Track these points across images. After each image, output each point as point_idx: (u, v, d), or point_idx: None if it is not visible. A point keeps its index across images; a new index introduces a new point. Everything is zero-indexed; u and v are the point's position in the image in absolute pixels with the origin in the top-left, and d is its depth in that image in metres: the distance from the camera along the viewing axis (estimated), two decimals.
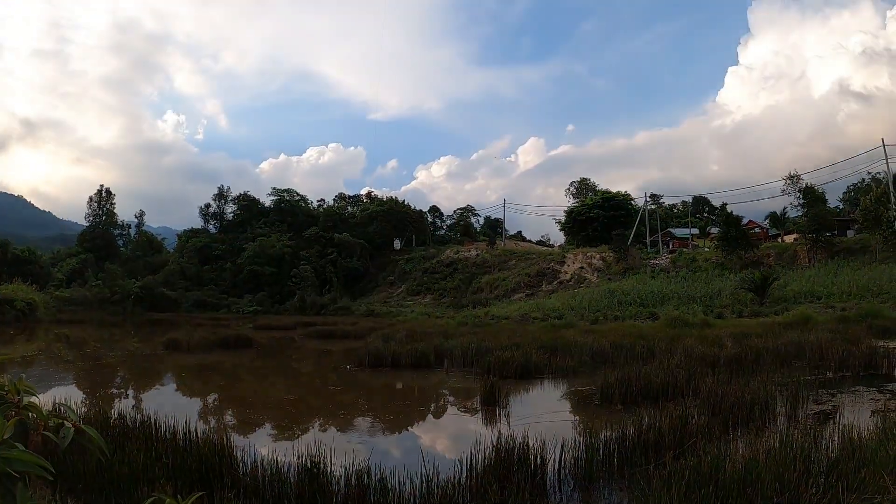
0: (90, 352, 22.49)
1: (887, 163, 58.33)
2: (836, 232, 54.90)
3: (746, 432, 7.99)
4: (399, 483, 5.63)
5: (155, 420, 7.61)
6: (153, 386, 16.18)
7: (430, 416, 11.50)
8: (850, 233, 57.03)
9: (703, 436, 7.24)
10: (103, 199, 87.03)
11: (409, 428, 10.42)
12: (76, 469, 5.71)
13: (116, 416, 7.96)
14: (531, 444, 6.64)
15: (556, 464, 6.81)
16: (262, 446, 8.29)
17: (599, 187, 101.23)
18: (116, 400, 12.76)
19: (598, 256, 61.84)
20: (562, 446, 6.90)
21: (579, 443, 6.99)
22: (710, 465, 5.40)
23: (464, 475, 6.05)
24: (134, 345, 24.87)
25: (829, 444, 6.45)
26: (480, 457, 6.35)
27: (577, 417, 10.35)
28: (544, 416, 10.15)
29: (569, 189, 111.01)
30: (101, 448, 2.14)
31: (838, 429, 6.96)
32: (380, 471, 5.71)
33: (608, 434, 7.35)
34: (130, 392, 14.79)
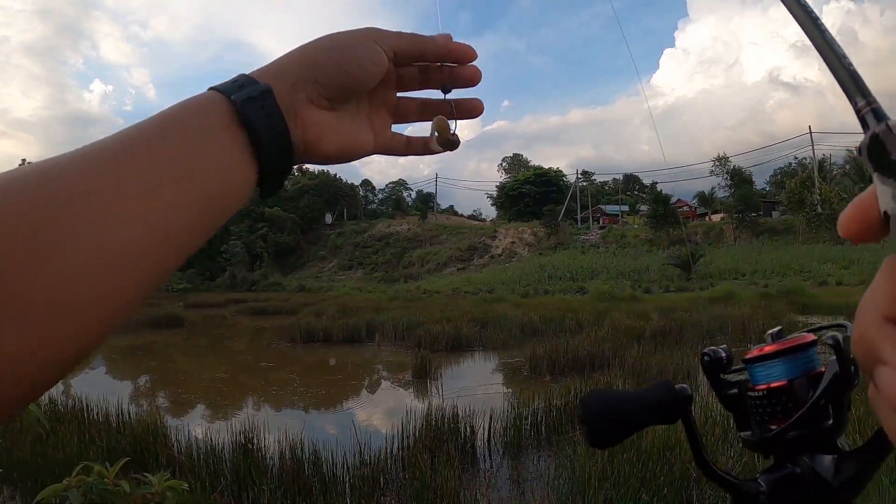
0: None
1: (813, 149, 61.73)
2: (761, 213, 57.49)
3: None
4: (332, 455, 5.81)
5: (87, 403, 7.60)
6: (83, 370, 15.80)
7: (362, 391, 11.69)
8: (775, 214, 59.98)
9: None
10: None
11: (342, 402, 10.59)
12: (11, 457, 5.71)
13: (47, 401, 7.87)
14: (461, 415, 6.94)
15: (486, 433, 7.12)
16: (197, 425, 8.34)
17: (532, 163, 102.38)
18: None
19: (529, 231, 62.84)
20: (490, 416, 7.23)
21: (508, 413, 7.33)
22: None
23: (395, 446, 6.30)
24: None
25: None
26: (411, 428, 6.62)
27: (507, 389, 10.71)
28: (475, 388, 10.48)
29: (501, 164, 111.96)
30: (40, 419, 2.23)
31: None
32: (313, 444, 5.88)
33: (536, 404, 7.71)
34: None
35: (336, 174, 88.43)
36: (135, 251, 0.39)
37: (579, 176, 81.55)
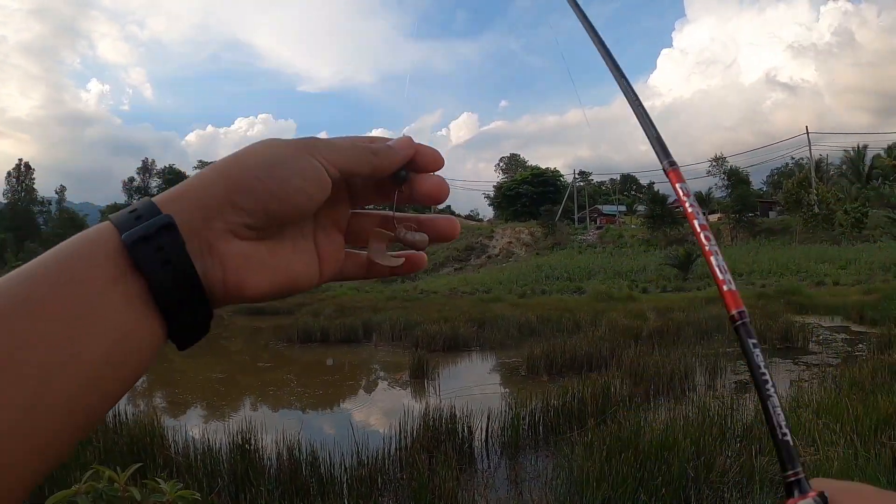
0: None
1: (810, 149, 62.01)
2: (758, 213, 57.66)
3: (667, 401, 8.48)
4: (330, 456, 5.80)
5: None
6: None
7: (360, 391, 11.68)
8: (772, 214, 60.25)
9: (624, 404, 7.66)
10: (22, 175, 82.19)
11: (339, 403, 10.58)
12: None
13: None
14: (459, 415, 6.94)
15: (484, 433, 7.12)
16: (194, 426, 8.35)
17: (529, 163, 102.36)
18: None
19: (526, 231, 62.80)
20: (488, 417, 7.23)
21: (506, 413, 7.32)
22: (629, 432, 5.76)
23: (393, 446, 6.30)
24: None
25: (744, 411, 6.91)
26: (409, 428, 6.62)
27: (504, 389, 10.71)
28: (472, 388, 10.47)
29: (499, 164, 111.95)
30: None
31: (753, 397, 7.46)
32: (310, 445, 5.87)
33: (534, 404, 7.70)
34: None
35: None
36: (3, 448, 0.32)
37: (577, 176, 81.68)
